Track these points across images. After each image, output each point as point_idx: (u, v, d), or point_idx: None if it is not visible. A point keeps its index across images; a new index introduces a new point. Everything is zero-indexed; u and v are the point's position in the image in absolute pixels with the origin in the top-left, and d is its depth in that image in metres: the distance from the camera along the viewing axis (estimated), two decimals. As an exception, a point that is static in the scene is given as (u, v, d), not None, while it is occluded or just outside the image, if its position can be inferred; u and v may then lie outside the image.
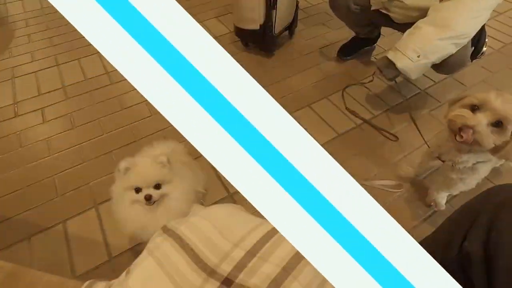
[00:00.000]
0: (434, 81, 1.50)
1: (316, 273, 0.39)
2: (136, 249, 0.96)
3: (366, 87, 1.45)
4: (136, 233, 0.78)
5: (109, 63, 1.55)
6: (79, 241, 0.98)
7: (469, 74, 1.54)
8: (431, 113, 1.36)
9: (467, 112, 0.69)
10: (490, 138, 0.67)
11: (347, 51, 1.62)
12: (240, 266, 0.39)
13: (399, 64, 1.10)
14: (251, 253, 0.41)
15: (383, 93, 1.45)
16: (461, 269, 0.52)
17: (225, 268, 0.40)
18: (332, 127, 1.30)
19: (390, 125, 1.31)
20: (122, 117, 1.36)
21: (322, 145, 1.02)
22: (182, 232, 0.44)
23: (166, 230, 0.47)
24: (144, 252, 0.45)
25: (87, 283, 0.52)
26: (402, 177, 1.12)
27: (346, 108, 1.37)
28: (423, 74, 1.25)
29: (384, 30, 1.63)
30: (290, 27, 1.72)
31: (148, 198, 0.73)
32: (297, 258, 0.40)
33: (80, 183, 1.13)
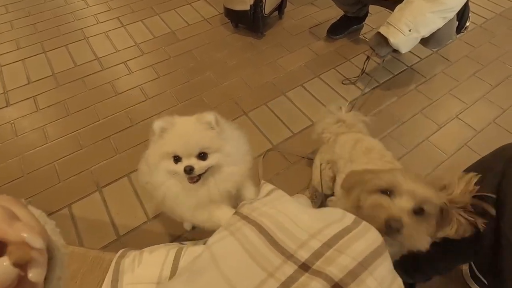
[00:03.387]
0: (420, 58, 1.55)
1: (390, 271, 0.43)
2: (142, 227, 1.00)
3: (356, 66, 1.49)
4: (170, 210, 0.66)
5: (99, 49, 1.56)
6: (86, 222, 1.01)
7: (453, 49, 1.59)
8: (418, 89, 1.42)
9: (385, 200, 0.56)
10: (421, 232, 0.54)
11: (336, 30, 1.65)
12: (317, 254, 0.42)
13: (392, 40, 1.14)
14: (328, 245, 0.42)
15: (372, 71, 1.49)
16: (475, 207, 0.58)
17: (303, 254, 0.42)
18: (325, 105, 1.34)
19: (379, 101, 1.37)
20: (117, 102, 1.36)
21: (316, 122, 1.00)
22: (261, 221, 0.47)
23: (243, 217, 0.50)
24: (224, 232, 0.48)
25: (120, 251, 0.56)
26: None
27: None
28: (410, 51, 1.29)
29: (372, 8, 1.65)
30: (280, 7, 1.72)
31: (188, 171, 0.55)
32: (374, 255, 0.42)
33: (81, 168, 1.14)
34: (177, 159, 0.57)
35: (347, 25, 1.65)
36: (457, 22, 1.26)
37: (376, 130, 1.25)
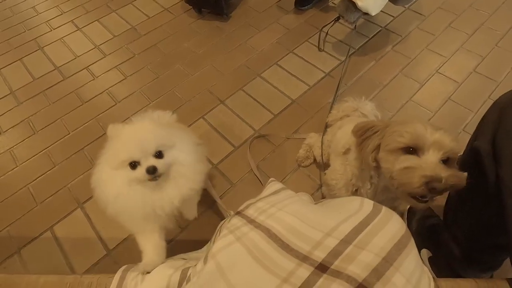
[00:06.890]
0: (393, 16, 1.50)
1: (416, 265, 0.38)
2: (132, 237, 0.95)
3: (330, 35, 1.43)
4: (145, 220, 0.61)
5: (56, 57, 1.45)
6: (72, 242, 0.96)
7: (426, 2, 1.54)
8: (394, 49, 1.38)
9: (416, 161, 0.51)
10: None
11: (304, 0, 1.57)
12: (335, 253, 0.38)
13: (359, 3, 1.09)
14: (346, 241, 0.38)
15: (346, 38, 1.44)
16: (475, 162, 0.57)
17: (319, 255, 0.38)
18: (303, 80, 1.29)
19: (357, 67, 1.32)
20: (85, 112, 1.28)
21: (297, 99, 1.02)
22: (269, 224, 0.43)
23: (250, 220, 0.45)
24: (230, 236, 0.44)
25: (122, 268, 0.54)
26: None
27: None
28: (382, 11, 1.24)
29: (337, -29, 1.58)
30: (242, -15, 1.63)
31: (152, 171, 0.54)
32: (398, 248, 0.38)
33: (58, 187, 1.08)
34: (133, 165, 0.56)
35: (314, -6, 1.58)
36: (426, -27, 1.21)
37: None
